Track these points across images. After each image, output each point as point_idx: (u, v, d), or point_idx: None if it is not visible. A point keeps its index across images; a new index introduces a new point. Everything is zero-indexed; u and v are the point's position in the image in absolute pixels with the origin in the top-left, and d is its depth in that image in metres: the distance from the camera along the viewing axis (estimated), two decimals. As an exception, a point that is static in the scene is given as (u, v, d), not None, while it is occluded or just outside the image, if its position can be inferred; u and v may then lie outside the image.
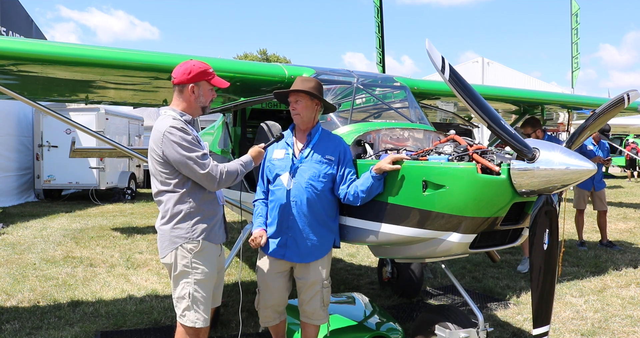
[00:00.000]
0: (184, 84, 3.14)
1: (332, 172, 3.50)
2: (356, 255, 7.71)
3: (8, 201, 13.47)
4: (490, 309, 5.29)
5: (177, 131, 2.99)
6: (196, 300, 3.12)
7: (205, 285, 3.15)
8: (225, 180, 3.07)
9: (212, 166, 3.03)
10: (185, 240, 3.09)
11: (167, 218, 3.12)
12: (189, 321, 3.13)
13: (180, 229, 3.10)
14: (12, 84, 4.54)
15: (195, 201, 3.11)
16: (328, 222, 3.55)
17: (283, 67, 4.60)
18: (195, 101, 3.18)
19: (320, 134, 3.60)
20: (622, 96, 3.42)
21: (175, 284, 3.17)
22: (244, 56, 48.41)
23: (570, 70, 20.81)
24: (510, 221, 3.19)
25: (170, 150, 2.99)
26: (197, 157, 2.99)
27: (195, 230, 3.11)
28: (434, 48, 2.94)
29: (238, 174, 3.12)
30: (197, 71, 3.12)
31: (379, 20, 15.37)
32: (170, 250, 3.12)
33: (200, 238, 3.11)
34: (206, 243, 3.14)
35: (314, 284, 3.55)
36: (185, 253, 3.10)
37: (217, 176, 3.03)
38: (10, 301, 5.53)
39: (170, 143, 2.99)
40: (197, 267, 3.11)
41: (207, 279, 3.16)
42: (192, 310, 3.12)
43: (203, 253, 3.13)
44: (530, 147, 2.92)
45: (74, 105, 13.49)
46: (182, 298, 3.13)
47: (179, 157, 2.99)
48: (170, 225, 3.11)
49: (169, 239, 3.12)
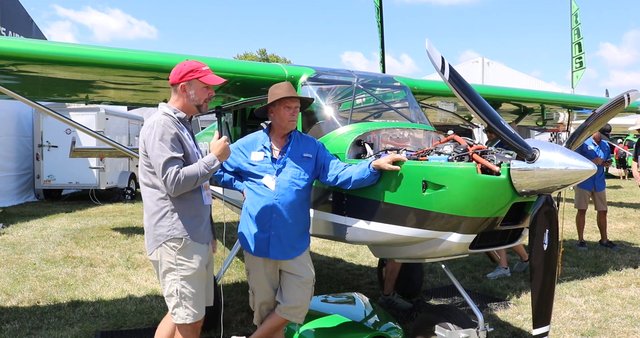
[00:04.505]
0: (176, 84, 3.20)
1: (312, 169, 3.66)
2: (356, 255, 7.71)
3: (8, 201, 13.47)
4: (490, 309, 5.29)
5: (161, 127, 3.02)
6: (184, 297, 3.13)
7: (192, 281, 3.15)
8: (183, 186, 3.00)
9: (172, 171, 2.97)
10: (167, 237, 3.10)
11: (150, 214, 3.15)
12: (180, 318, 3.15)
13: (162, 227, 3.11)
14: (12, 84, 4.55)
15: (177, 199, 3.10)
16: (306, 218, 3.72)
17: (283, 67, 4.60)
18: (189, 100, 3.21)
19: (295, 135, 3.72)
20: (622, 96, 3.42)
21: (163, 282, 3.19)
22: (244, 56, 48.42)
23: (570, 70, 20.77)
24: (510, 221, 3.19)
25: (151, 146, 3.03)
26: (165, 160, 2.98)
27: (177, 227, 3.10)
28: (434, 48, 2.94)
29: (199, 177, 3.05)
30: (186, 70, 3.17)
31: (379, 19, 15.36)
32: (155, 247, 3.14)
33: (182, 235, 3.11)
34: (189, 241, 3.14)
35: (306, 282, 3.65)
36: (169, 250, 3.11)
37: (171, 183, 2.98)
38: (10, 301, 5.53)
39: (152, 138, 3.03)
40: (182, 264, 3.12)
41: (194, 275, 3.15)
42: (182, 306, 3.13)
43: (187, 250, 3.13)
44: (530, 147, 2.92)
45: (74, 105, 13.49)
46: (171, 295, 3.15)
47: (153, 155, 3.03)
48: (153, 221, 3.13)
49: (153, 236, 3.15)
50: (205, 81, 3.19)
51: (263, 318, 3.79)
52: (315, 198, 3.91)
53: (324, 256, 7.78)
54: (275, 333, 3.80)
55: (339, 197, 3.80)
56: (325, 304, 4.74)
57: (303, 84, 4.47)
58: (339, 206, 3.82)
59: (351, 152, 3.81)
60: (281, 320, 3.72)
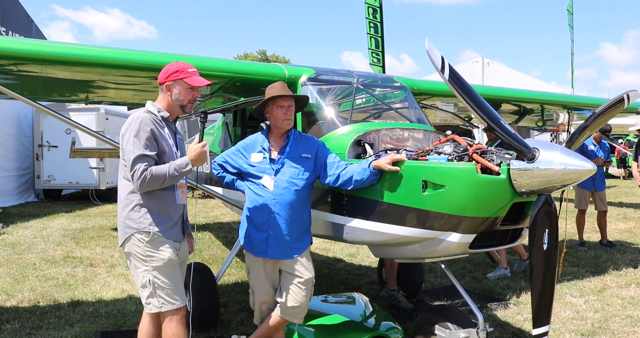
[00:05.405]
0: (162, 83, 3.26)
1: (312, 168, 3.65)
2: (356, 255, 7.71)
3: (8, 201, 13.45)
4: (490, 309, 5.29)
5: (138, 124, 3.07)
6: (157, 286, 3.13)
7: (164, 271, 3.15)
8: (148, 183, 3.04)
9: (140, 168, 3.02)
10: (135, 230, 3.14)
11: (122, 206, 3.21)
12: (154, 307, 3.16)
13: (130, 219, 3.16)
14: (12, 84, 4.54)
15: (146, 194, 3.14)
16: (306, 218, 3.71)
17: (283, 67, 4.60)
18: (172, 100, 3.25)
19: (294, 135, 3.72)
20: (622, 96, 3.42)
21: (135, 274, 3.22)
22: (244, 56, 48.39)
23: (570, 70, 20.81)
24: (510, 221, 3.19)
25: (125, 141, 3.10)
26: (136, 156, 3.03)
27: (144, 221, 3.14)
28: (434, 48, 2.94)
29: (166, 178, 3.07)
30: (173, 70, 3.23)
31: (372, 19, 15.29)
32: (124, 238, 3.19)
33: (149, 229, 3.13)
34: (157, 235, 3.15)
35: (306, 282, 3.65)
36: (138, 242, 3.14)
37: (137, 179, 3.03)
38: (10, 301, 5.53)
39: (127, 134, 3.10)
40: (152, 255, 3.14)
41: (165, 265, 3.15)
42: (156, 296, 3.14)
43: (156, 242, 3.15)
44: (530, 147, 2.92)
45: (74, 105, 13.46)
46: (145, 286, 3.16)
47: (126, 150, 3.09)
48: (124, 213, 3.19)
49: (123, 228, 3.20)
50: (190, 82, 3.23)
51: (263, 317, 3.80)
52: (315, 198, 3.91)
53: (324, 256, 7.78)
54: (275, 332, 3.80)
55: (339, 197, 3.80)
56: (325, 304, 4.75)
57: (303, 84, 4.47)
58: (338, 206, 3.83)
59: (351, 152, 3.81)
60: (281, 319, 3.73)
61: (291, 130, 3.73)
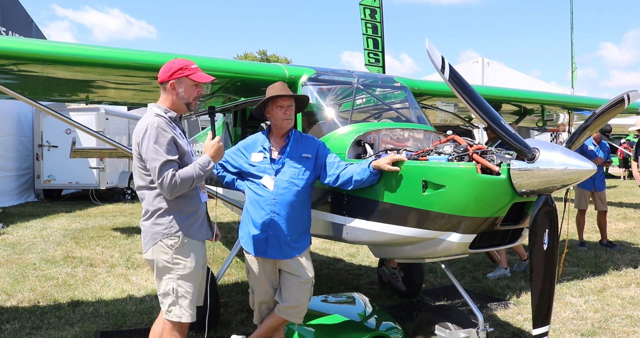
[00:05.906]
0: (165, 82, 3.19)
1: (312, 168, 3.65)
2: (356, 255, 7.71)
3: (8, 201, 13.47)
4: (490, 309, 5.29)
5: (155, 129, 3.01)
6: (181, 295, 3.13)
7: (189, 280, 3.15)
8: (179, 188, 3.01)
9: (168, 175, 2.97)
10: (164, 235, 3.10)
11: (148, 214, 3.14)
12: (175, 316, 3.15)
13: (159, 225, 3.11)
14: (12, 84, 4.55)
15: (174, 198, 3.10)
16: (306, 218, 3.71)
17: (283, 67, 4.60)
18: (178, 98, 3.20)
19: (295, 135, 3.72)
20: (622, 96, 3.42)
21: (159, 280, 3.19)
22: (244, 56, 48.38)
23: (570, 70, 20.81)
24: (510, 221, 3.19)
25: (145, 149, 3.02)
26: (161, 163, 2.97)
27: (174, 225, 3.11)
28: (434, 48, 2.94)
29: (194, 179, 3.05)
30: (176, 67, 3.16)
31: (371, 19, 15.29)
32: (151, 246, 3.14)
33: (179, 233, 3.11)
34: (187, 239, 3.14)
35: (305, 282, 3.66)
36: (166, 248, 3.11)
37: (168, 187, 2.98)
38: (10, 301, 5.53)
39: (146, 141, 3.01)
40: (179, 262, 3.12)
41: (191, 274, 3.15)
42: (177, 305, 3.14)
43: (184, 248, 3.13)
44: (530, 147, 2.92)
45: (74, 105, 13.48)
46: (167, 294, 3.15)
47: (148, 159, 3.02)
48: (151, 220, 3.13)
49: (150, 235, 3.14)
50: (195, 79, 3.18)
51: (263, 317, 3.81)
52: (315, 198, 3.91)
53: (324, 256, 7.78)
54: (275, 332, 3.81)
55: (339, 197, 3.80)
56: (325, 304, 4.75)
57: (303, 84, 4.47)
58: (338, 206, 3.83)
59: (351, 152, 3.81)
60: (280, 319, 3.73)
61: (291, 130, 3.73)
